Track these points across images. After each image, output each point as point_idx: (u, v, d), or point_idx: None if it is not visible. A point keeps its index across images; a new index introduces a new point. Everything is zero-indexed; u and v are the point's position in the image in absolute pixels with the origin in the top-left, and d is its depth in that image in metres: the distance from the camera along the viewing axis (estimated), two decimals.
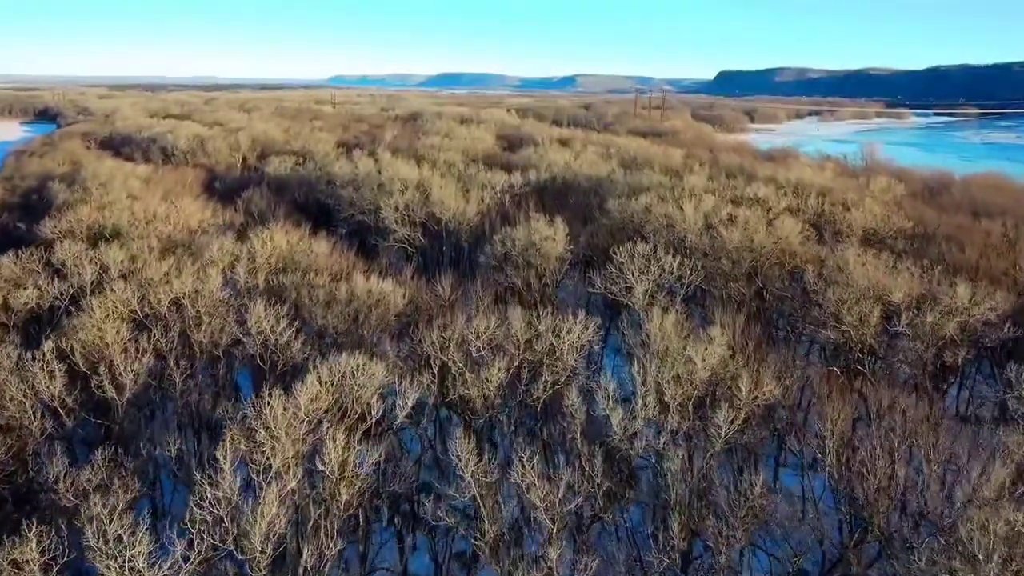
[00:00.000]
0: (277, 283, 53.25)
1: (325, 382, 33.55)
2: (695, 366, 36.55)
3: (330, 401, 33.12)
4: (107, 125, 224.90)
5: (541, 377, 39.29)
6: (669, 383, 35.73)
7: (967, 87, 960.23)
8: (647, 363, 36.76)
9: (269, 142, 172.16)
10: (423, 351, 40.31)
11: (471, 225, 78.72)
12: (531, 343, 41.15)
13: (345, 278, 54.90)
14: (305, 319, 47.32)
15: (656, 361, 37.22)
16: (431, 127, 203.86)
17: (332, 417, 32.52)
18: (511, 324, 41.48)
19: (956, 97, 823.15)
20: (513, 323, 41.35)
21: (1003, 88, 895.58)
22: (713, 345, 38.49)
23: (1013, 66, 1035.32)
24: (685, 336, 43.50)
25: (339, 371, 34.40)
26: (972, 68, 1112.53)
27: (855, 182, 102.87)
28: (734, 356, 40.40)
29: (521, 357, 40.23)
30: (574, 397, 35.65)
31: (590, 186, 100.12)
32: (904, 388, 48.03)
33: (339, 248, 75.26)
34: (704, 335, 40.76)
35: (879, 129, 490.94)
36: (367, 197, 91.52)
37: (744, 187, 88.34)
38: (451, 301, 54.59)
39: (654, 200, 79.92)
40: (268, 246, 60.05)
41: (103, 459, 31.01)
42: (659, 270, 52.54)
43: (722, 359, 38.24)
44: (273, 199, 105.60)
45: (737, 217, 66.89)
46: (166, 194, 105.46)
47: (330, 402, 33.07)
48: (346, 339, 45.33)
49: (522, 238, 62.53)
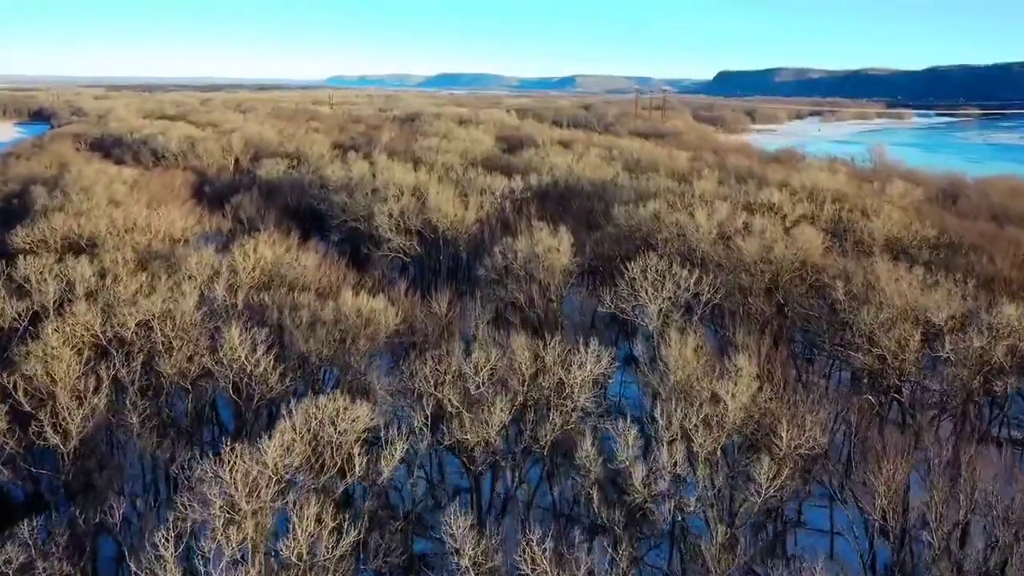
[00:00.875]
0: (258, 301, 48.87)
1: (300, 429, 29.22)
2: (725, 406, 32.25)
3: (306, 452, 28.82)
4: (99, 126, 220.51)
5: (549, 418, 34.80)
6: (697, 427, 31.40)
7: (967, 87, 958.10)
8: (671, 405, 32.32)
9: (263, 144, 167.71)
10: (415, 386, 35.93)
11: (470, 233, 74.44)
12: (537, 376, 36.76)
13: (333, 295, 50.62)
14: (286, 344, 42.99)
15: (681, 402, 32.80)
16: (429, 128, 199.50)
17: (307, 473, 28.23)
18: (514, 354, 37.06)
19: (956, 97, 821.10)
20: (516, 353, 36.91)
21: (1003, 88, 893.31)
22: (742, 379, 34.16)
23: (1013, 66, 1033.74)
24: (706, 362, 39.19)
25: (316, 415, 30.04)
26: (972, 68, 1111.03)
27: (870, 186, 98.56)
28: (762, 387, 36.10)
29: (526, 394, 35.84)
30: (588, 447, 31.24)
31: (594, 191, 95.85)
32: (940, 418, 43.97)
33: (330, 258, 71.03)
34: (730, 364, 36.42)
35: (881, 130, 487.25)
36: (361, 203, 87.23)
37: (756, 192, 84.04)
38: (448, 320, 50.31)
39: (662, 207, 75.69)
40: (251, 259, 55.72)
41: (30, 530, 26.41)
42: (674, 286, 48.17)
43: (753, 395, 33.86)
44: (263, 204, 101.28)
45: (753, 226, 62.54)
46: (152, 199, 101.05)
47: (306, 453, 28.77)
48: (332, 366, 40.98)
49: (524, 249, 58.24)
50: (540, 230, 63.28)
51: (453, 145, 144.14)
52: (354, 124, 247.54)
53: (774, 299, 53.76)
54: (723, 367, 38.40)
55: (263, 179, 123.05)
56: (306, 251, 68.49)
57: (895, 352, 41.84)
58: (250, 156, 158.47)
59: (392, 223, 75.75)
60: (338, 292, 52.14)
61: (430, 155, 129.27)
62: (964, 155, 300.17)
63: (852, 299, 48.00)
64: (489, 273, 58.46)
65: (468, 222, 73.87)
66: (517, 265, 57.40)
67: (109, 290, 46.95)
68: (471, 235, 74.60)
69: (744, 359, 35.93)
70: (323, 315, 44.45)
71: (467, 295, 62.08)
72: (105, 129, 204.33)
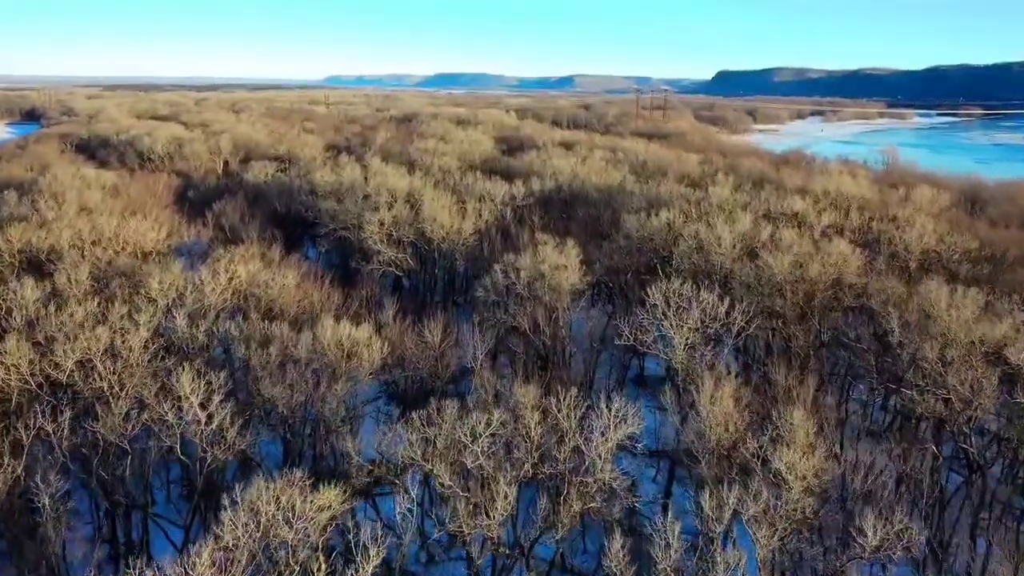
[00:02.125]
0: (224, 333, 42.62)
1: (247, 525, 23.05)
2: (787, 484, 26.12)
3: (254, 551, 22.67)
4: (88, 127, 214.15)
5: (566, 502, 28.28)
6: (758, 522, 25.24)
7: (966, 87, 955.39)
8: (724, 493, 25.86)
9: (253, 145, 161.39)
10: (398, 460, 29.68)
11: (468, 245, 68.18)
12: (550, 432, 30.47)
13: (312, 322, 44.40)
14: (251, 388, 36.82)
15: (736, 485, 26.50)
16: (427, 129, 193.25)
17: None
18: (519, 407, 30.79)
19: (956, 97, 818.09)
20: (523, 413, 30.58)
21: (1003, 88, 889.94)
22: (797, 436, 28.01)
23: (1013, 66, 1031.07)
24: (746, 410, 32.99)
25: (267, 507, 23.77)
26: (972, 68, 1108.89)
27: (895, 192, 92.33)
28: (813, 448, 29.88)
29: (535, 469, 29.53)
30: (616, 548, 24.91)
31: (600, 197, 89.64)
32: None
33: (314, 274, 64.88)
34: (781, 419, 30.23)
35: (883, 130, 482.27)
36: (351, 210, 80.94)
37: (776, 200, 77.84)
38: (442, 350, 44.09)
39: (677, 217, 69.50)
40: (222, 278, 49.47)
41: None
42: (701, 313, 41.84)
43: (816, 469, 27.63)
44: (248, 211, 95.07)
45: (782, 240, 56.28)
46: (129, 206, 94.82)
47: (253, 553, 22.62)
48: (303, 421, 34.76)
49: (528, 268, 51.99)
50: (545, 243, 57.07)
51: (450, 147, 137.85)
52: (349, 125, 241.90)
53: (811, 325, 47.58)
54: (765, 414, 32.22)
55: (250, 183, 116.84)
56: (287, 266, 62.36)
57: (967, 398, 35.68)
58: (240, 158, 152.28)
59: (383, 234, 69.50)
60: (318, 318, 45.88)
61: (426, 158, 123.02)
62: (971, 156, 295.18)
63: (906, 328, 41.80)
64: (489, 294, 52.23)
65: (466, 233, 67.66)
66: (520, 285, 51.18)
67: (50, 320, 40.65)
68: (469, 247, 68.39)
69: (801, 416, 29.73)
70: (297, 350, 38.25)
71: (464, 318, 55.87)
72: (91, 130, 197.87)
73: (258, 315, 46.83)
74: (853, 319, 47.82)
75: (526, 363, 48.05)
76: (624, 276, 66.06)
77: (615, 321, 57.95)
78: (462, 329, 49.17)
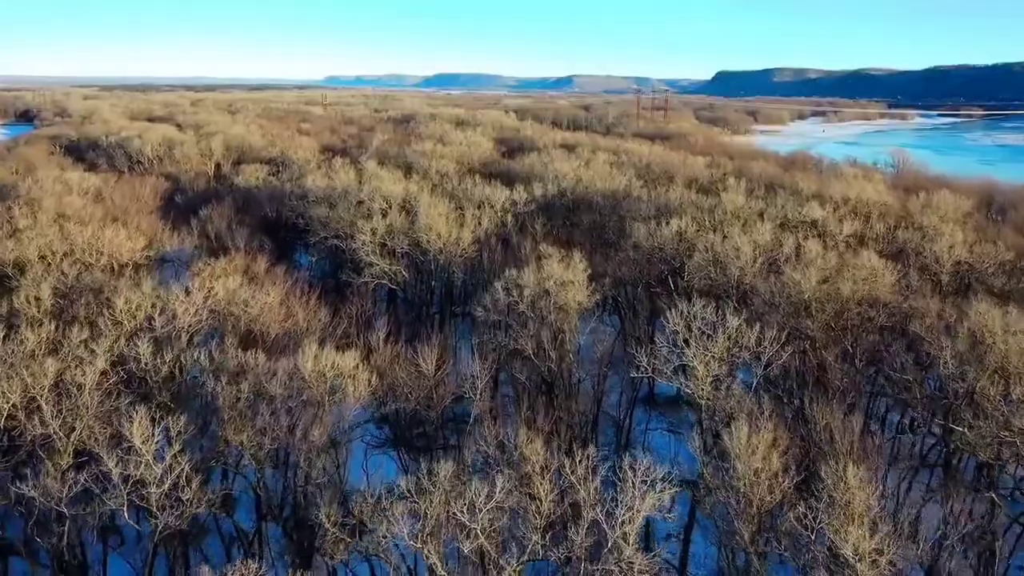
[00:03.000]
0: (192, 363, 38.17)
1: None
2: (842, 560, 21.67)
3: None
4: (78, 128, 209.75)
5: None
6: None
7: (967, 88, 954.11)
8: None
9: (246, 147, 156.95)
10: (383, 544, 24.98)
11: (466, 256, 63.72)
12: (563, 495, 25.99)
13: (294, 347, 39.96)
14: (216, 434, 32.40)
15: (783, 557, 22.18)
16: (424, 130, 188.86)
17: None
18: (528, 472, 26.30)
19: (956, 97, 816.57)
20: (532, 479, 26.02)
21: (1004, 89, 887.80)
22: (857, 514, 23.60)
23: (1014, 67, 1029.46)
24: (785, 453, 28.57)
25: None
26: (972, 68, 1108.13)
27: (913, 198, 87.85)
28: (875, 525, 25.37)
29: (545, 550, 24.84)
30: None
31: (605, 203, 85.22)
32: None
33: (303, 286, 60.46)
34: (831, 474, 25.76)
35: (885, 131, 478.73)
36: (344, 218, 76.48)
37: (793, 206, 73.41)
38: (437, 380, 39.67)
39: (688, 225, 65.11)
40: (198, 297, 45.03)
41: None
42: (729, 341, 37.31)
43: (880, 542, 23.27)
44: (237, 217, 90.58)
45: (806, 252, 51.78)
46: (112, 212, 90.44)
47: None
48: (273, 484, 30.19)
49: (531, 285, 47.51)
50: (549, 256, 52.59)
51: (449, 150, 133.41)
52: (346, 125, 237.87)
53: (844, 350, 43.11)
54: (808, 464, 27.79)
55: (240, 188, 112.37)
56: (273, 280, 57.96)
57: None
58: (232, 160, 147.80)
59: (376, 243, 65.01)
60: (302, 341, 41.44)
61: (424, 161, 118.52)
62: (975, 157, 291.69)
63: (957, 357, 37.25)
64: (489, 314, 47.73)
65: (464, 243, 63.17)
66: (523, 304, 46.71)
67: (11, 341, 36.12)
68: (468, 258, 63.93)
69: (855, 478, 25.21)
70: (272, 385, 33.74)
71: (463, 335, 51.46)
72: (82, 131, 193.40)
73: (235, 339, 42.39)
74: (890, 341, 43.35)
75: (530, 392, 43.68)
76: (633, 289, 61.71)
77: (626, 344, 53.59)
78: (460, 351, 44.73)
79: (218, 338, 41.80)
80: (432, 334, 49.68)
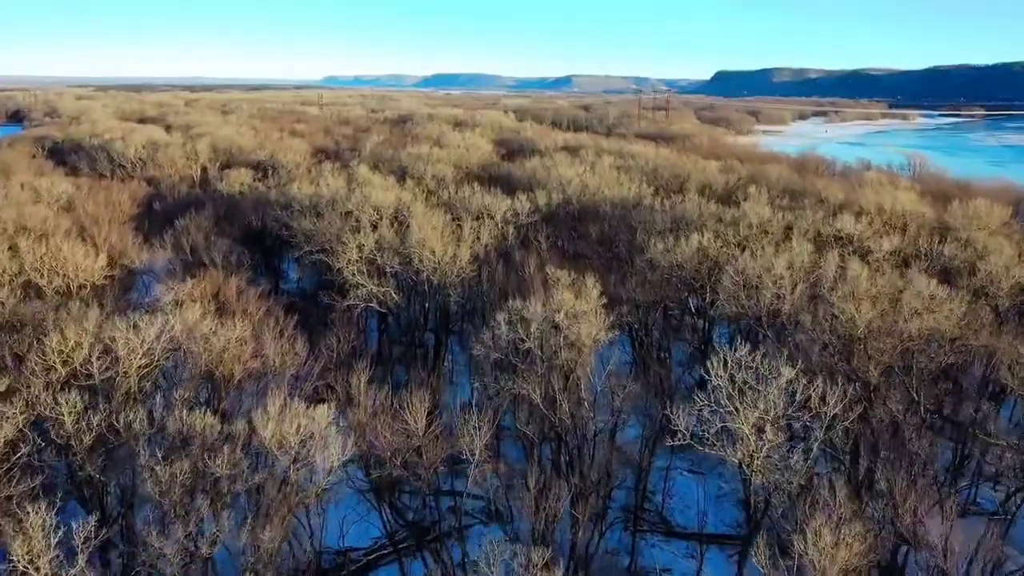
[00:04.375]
0: (126, 425, 31.37)
1: None
2: None
3: None
4: (64, 129, 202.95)
5: None
6: None
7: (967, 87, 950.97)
8: None
9: (235, 150, 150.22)
10: None
11: (464, 277, 56.95)
12: None
13: (257, 399, 33.28)
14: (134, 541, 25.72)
15: None
16: (421, 131, 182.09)
17: None
18: None
19: (956, 97, 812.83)
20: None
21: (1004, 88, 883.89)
22: None
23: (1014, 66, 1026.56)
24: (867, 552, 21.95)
25: None
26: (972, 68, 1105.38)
27: (948, 206, 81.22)
28: None
29: None
30: None
31: (615, 213, 78.60)
32: None
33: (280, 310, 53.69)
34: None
35: (888, 131, 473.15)
36: (330, 229, 69.77)
37: (822, 219, 66.77)
38: (426, 439, 32.98)
39: (711, 241, 58.47)
40: (148, 333, 38.28)
41: None
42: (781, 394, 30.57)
43: None
44: (214, 229, 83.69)
45: (858, 277, 44.94)
46: (81, 222, 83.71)
47: None
48: None
49: (539, 318, 40.73)
50: (557, 281, 45.84)
51: (446, 153, 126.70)
52: (341, 126, 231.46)
53: (909, 400, 36.36)
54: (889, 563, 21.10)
55: (224, 194, 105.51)
56: (245, 305, 51.25)
57: None
58: (219, 164, 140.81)
59: (364, 262, 58.21)
60: (269, 386, 34.76)
61: (419, 165, 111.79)
62: (983, 158, 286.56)
63: None
64: (489, 351, 40.96)
65: (462, 261, 56.41)
66: (530, 341, 39.95)
67: None
68: (466, 279, 57.16)
69: None
70: (216, 464, 26.91)
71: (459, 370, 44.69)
72: (66, 133, 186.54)
73: (191, 384, 35.66)
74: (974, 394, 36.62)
75: (540, 453, 37.03)
76: (651, 314, 55.12)
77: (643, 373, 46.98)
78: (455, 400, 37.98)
79: (164, 390, 35.04)
80: (424, 371, 42.97)
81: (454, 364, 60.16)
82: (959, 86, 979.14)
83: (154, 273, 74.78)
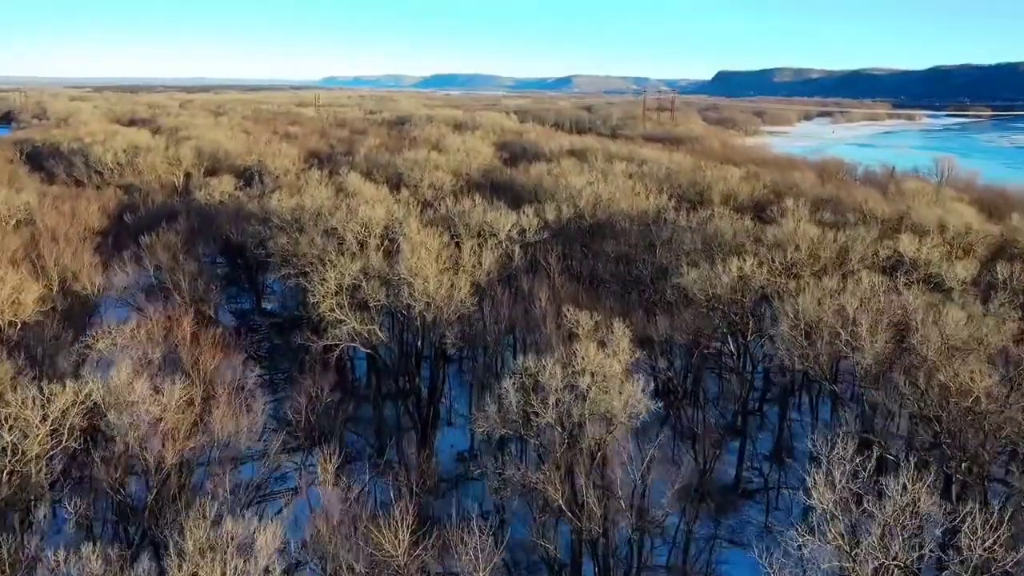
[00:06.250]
0: None
1: None
2: None
3: None
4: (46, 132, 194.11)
5: None
6: None
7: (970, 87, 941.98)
8: None
9: (221, 154, 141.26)
10: None
11: (462, 313, 47.96)
12: None
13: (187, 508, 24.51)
14: None
15: None
16: (420, 134, 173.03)
17: None
18: None
19: (959, 97, 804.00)
20: None
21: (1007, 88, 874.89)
22: None
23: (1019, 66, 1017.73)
24: None
25: None
26: (975, 68, 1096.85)
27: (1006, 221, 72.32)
28: None
29: None
30: None
31: (633, 228, 69.77)
32: None
33: (236, 358, 44.95)
34: None
35: (895, 131, 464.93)
36: (312, 250, 61.02)
37: (876, 239, 57.90)
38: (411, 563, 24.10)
39: (754, 269, 49.61)
40: (57, 404, 29.49)
41: None
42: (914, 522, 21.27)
43: None
44: (186, 246, 74.91)
45: (959, 323, 35.96)
46: (36, 240, 74.94)
47: None
48: None
49: (557, 384, 31.79)
50: (579, 328, 36.89)
51: (444, 159, 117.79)
52: (337, 128, 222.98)
53: None
54: None
55: (200, 205, 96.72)
56: (197, 351, 42.38)
57: None
58: (204, 169, 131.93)
59: (345, 293, 49.26)
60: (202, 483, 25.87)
61: (415, 173, 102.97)
62: (997, 160, 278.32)
63: None
64: (495, 426, 31.98)
65: (460, 296, 47.48)
66: (546, 412, 31.09)
67: None
68: (465, 315, 48.18)
69: None
70: None
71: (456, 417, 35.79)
72: (46, 136, 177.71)
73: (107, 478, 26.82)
74: None
75: None
76: (686, 358, 46.30)
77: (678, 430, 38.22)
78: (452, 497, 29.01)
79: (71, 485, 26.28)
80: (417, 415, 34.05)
81: (452, 401, 51.47)
82: (962, 86, 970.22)
83: (113, 300, 65.98)
